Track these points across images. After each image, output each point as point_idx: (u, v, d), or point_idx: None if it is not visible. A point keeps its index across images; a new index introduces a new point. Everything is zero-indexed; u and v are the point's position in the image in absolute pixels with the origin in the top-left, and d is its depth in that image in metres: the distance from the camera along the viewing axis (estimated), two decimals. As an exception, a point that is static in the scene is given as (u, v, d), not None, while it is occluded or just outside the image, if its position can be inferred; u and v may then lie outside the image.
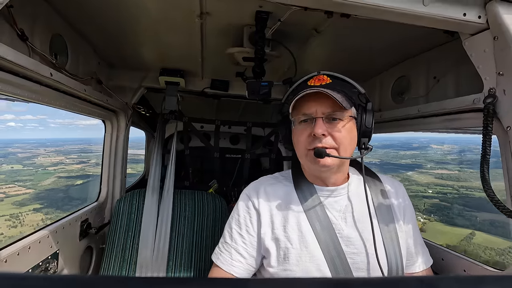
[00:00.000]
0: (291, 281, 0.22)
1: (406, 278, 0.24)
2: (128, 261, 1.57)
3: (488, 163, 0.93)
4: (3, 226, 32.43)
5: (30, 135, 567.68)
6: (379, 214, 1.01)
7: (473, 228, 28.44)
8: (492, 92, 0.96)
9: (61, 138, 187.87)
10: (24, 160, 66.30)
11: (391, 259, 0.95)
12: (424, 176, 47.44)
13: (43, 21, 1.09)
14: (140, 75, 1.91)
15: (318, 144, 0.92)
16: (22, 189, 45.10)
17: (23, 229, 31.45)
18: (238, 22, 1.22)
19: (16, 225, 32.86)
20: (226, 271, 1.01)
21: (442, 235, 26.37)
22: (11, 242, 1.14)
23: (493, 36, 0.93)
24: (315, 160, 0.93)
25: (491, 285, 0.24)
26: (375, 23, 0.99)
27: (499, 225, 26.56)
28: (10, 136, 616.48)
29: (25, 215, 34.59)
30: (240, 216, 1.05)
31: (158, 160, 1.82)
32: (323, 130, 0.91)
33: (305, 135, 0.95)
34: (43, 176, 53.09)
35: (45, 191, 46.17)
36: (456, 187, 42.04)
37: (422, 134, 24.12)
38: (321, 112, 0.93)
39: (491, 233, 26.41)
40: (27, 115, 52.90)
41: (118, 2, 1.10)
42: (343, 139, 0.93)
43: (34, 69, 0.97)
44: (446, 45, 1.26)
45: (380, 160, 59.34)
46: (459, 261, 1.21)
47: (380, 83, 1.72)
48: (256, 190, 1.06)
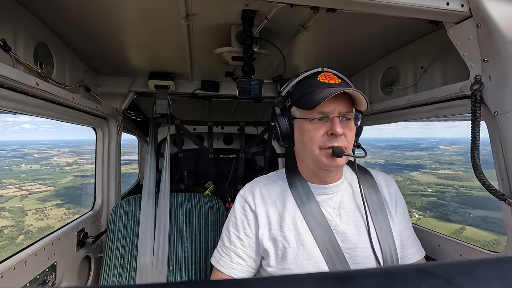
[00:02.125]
0: (290, 277, 0.23)
1: (405, 266, 0.25)
2: (127, 269, 1.55)
3: (478, 149, 0.95)
4: (31, 219, 35.69)
5: (43, 137, 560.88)
6: (372, 208, 1.02)
7: (464, 223, 30.26)
8: (478, 78, 0.98)
9: (73, 139, 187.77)
10: (41, 161, 69.98)
11: (386, 252, 0.97)
12: (427, 176, 49.38)
13: (26, 30, 1.06)
14: (129, 80, 1.89)
15: (335, 143, 0.91)
16: (43, 187, 48.10)
17: (49, 222, 34.86)
18: (225, 21, 1.21)
19: (42, 218, 36.36)
20: (227, 274, 1.02)
21: (434, 229, 27.33)
22: (6, 257, 1.12)
23: (476, 24, 0.95)
24: (330, 160, 0.92)
25: (489, 267, 0.25)
26: (361, 16, 1.00)
27: (490, 221, 29.17)
28: (24, 137, 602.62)
29: (49, 209, 38.28)
30: (237, 219, 1.05)
31: (152, 164, 1.81)
32: (341, 129, 0.91)
33: (319, 133, 0.94)
34: (61, 175, 56.89)
35: (64, 188, 49.13)
36: (456, 187, 44.05)
37: (431, 135, 24.47)
38: (338, 112, 0.93)
39: (481, 227, 28.48)
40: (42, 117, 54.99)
41: (102, 8, 1.09)
42: (351, 139, 0.96)
43: (19, 79, 0.95)
44: (432, 34, 1.28)
45: (385, 160, 60.53)
46: (455, 246, 1.23)
47: (369, 75, 1.74)
48: (252, 192, 1.06)
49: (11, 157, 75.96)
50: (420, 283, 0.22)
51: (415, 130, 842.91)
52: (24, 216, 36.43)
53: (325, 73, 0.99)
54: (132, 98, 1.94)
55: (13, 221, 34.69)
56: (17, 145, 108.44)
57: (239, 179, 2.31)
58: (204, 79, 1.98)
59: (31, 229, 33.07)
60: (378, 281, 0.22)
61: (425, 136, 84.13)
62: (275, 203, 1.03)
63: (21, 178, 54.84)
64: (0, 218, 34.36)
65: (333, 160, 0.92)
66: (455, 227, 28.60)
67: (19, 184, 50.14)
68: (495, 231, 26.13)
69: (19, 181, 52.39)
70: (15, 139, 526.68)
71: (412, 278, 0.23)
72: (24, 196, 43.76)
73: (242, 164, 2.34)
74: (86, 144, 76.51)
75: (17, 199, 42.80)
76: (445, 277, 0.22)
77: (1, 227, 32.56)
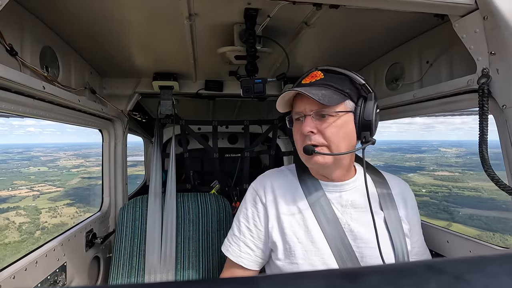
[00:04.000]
0: (297, 275, 0.23)
1: (413, 263, 0.24)
2: (136, 268, 1.57)
3: (486, 143, 0.93)
4: (45, 216, 39.06)
5: (48, 140, 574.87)
6: (385, 208, 1.01)
7: (452, 220, 32.13)
8: (485, 72, 0.97)
9: (77, 142, 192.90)
10: (48, 163, 74.40)
11: (398, 251, 0.96)
12: (424, 177, 51.66)
13: (31, 34, 1.08)
14: (134, 82, 1.91)
15: (308, 141, 0.93)
16: (53, 188, 51.82)
17: (63, 219, 37.94)
18: (228, 20, 1.21)
19: (56, 216, 39.64)
20: (236, 262, 1.05)
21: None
22: (17, 259, 1.14)
23: (483, 16, 0.93)
24: (306, 158, 0.96)
25: (499, 262, 0.24)
26: (364, 12, 0.99)
27: (476, 218, 32.08)
28: (29, 141, 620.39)
29: (61, 208, 41.81)
30: (247, 210, 1.07)
31: (158, 165, 1.82)
32: (310, 127, 0.92)
33: (299, 133, 0.97)
34: (69, 177, 61.11)
35: (72, 189, 52.46)
36: (450, 187, 46.58)
37: (434, 137, 25.68)
38: (309, 110, 0.93)
39: (467, 224, 30.48)
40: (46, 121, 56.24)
41: (105, 11, 1.10)
42: (333, 136, 0.92)
43: (26, 83, 0.96)
44: (437, 28, 1.26)
45: (384, 162, 61.40)
46: (464, 243, 1.22)
47: (373, 71, 1.72)
48: (263, 184, 1.08)
49: (18, 160, 80.00)
50: (429, 279, 0.22)
51: (417, 132, 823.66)
52: (38, 214, 39.52)
53: (312, 72, 1.00)
54: (137, 99, 1.96)
55: (29, 218, 37.76)
56: (23, 148, 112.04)
57: (244, 178, 2.32)
58: (207, 78, 1.98)
59: (46, 225, 36.47)
60: (386, 278, 0.22)
61: (428, 138, 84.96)
62: (285, 197, 1.03)
63: (31, 180, 57.72)
64: (17, 216, 37.78)
65: (309, 159, 0.95)
66: (442, 224, 30.08)
67: (30, 185, 53.06)
68: (479, 227, 29.14)
69: (29, 182, 55.30)
70: (20, 142, 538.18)
71: (421, 275, 0.22)
72: (36, 196, 46.59)
73: (247, 163, 2.34)
74: (90, 147, 79.19)
75: (29, 198, 45.54)
76: (455, 274, 0.22)
77: (19, 223, 35.63)
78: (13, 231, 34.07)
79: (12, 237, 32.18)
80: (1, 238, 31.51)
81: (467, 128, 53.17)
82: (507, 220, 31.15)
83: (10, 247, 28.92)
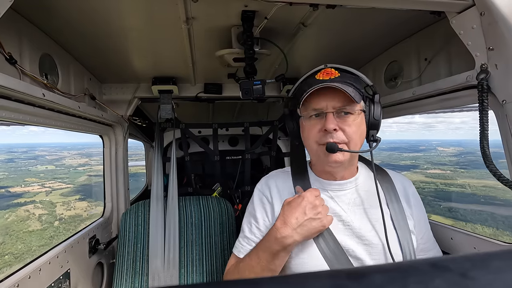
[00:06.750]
0: (300, 276, 0.23)
1: (418, 261, 0.24)
2: (139, 273, 1.57)
3: (487, 139, 0.93)
4: (61, 209, 42.32)
5: (50, 139, 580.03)
6: (390, 205, 1.01)
7: (432, 213, 34.84)
8: (484, 67, 0.97)
9: (80, 142, 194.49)
10: (54, 162, 77.02)
11: (405, 248, 0.96)
12: (416, 175, 53.61)
13: (30, 42, 1.08)
14: (133, 87, 1.91)
15: (330, 139, 0.91)
16: (63, 184, 54.68)
17: (77, 212, 41.02)
18: (225, 23, 1.21)
19: (70, 209, 42.65)
20: None
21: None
22: (21, 267, 1.14)
23: (480, 12, 0.94)
24: (326, 155, 0.93)
25: (504, 258, 0.24)
26: (360, 11, 0.99)
27: (454, 210, 35.89)
28: (32, 140, 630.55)
29: (74, 202, 44.96)
30: (256, 211, 1.08)
31: (159, 169, 1.82)
32: (334, 125, 0.91)
33: (315, 130, 0.95)
34: (76, 175, 64.15)
35: (81, 186, 55.03)
36: (437, 184, 48.95)
37: (435, 137, 26.70)
38: (332, 107, 0.92)
39: (445, 216, 32.93)
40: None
41: (103, 17, 1.10)
42: (354, 134, 0.93)
43: (26, 91, 0.96)
44: (434, 25, 1.26)
45: (381, 161, 62.68)
46: (468, 239, 1.21)
47: (372, 70, 1.72)
48: (268, 185, 1.10)
49: (24, 159, 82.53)
50: (434, 277, 0.22)
51: (419, 132, 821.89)
52: (54, 207, 42.68)
53: (325, 69, 0.99)
54: (137, 104, 1.96)
55: (46, 210, 41.23)
56: (27, 147, 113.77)
57: (246, 180, 2.31)
58: (207, 81, 1.99)
59: (63, 217, 39.90)
60: (391, 276, 0.22)
61: (428, 138, 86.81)
62: (290, 196, 1.03)
63: (40, 177, 60.58)
64: (35, 208, 41.22)
65: (329, 156, 0.93)
66: (420, 215, 34.81)
67: (41, 182, 56.10)
68: (456, 218, 32.60)
69: (39, 180, 58.23)
70: (23, 142, 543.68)
71: (425, 273, 0.22)
72: (49, 192, 49.81)
73: (249, 164, 2.34)
74: (93, 146, 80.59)
75: (42, 194, 49.19)
76: (460, 271, 0.22)
77: (38, 214, 39.30)
78: (34, 221, 37.01)
79: (35, 226, 35.12)
80: (26, 227, 34.65)
81: (468, 128, 51.84)
82: (481, 212, 34.81)
83: (35, 234, 31.53)
